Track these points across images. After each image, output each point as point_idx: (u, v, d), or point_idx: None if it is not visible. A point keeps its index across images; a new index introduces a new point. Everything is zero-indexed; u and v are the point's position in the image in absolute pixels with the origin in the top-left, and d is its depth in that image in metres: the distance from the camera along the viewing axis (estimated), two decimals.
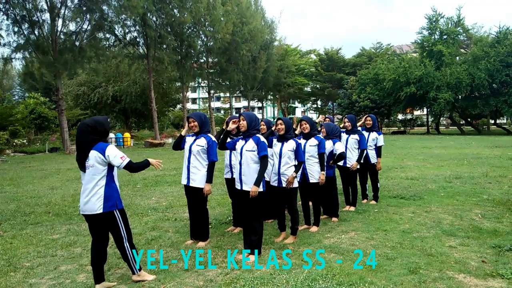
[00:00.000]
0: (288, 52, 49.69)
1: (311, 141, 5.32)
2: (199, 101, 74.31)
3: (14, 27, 21.60)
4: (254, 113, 4.38)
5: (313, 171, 5.25)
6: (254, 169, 4.28)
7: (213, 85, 39.24)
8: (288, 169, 4.78)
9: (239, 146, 4.42)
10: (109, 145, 3.55)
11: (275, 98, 55.24)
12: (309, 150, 5.28)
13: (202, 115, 4.80)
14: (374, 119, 7.08)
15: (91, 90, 37.50)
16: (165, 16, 28.13)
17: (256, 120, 4.39)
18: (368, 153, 6.85)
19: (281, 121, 4.83)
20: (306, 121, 5.41)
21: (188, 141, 4.75)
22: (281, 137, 4.86)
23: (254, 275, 3.81)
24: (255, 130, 4.36)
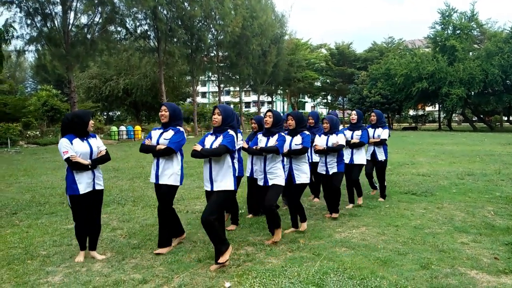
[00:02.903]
0: (298, 46, 49.44)
1: (297, 139, 4.86)
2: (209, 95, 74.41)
3: (27, 19, 21.90)
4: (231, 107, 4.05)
5: (300, 172, 4.85)
6: (226, 168, 3.88)
7: (223, 79, 39.28)
8: (274, 167, 4.49)
9: (208, 142, 3.95)
10: (63, 139, 4.04)
11: (285, 93, 55.10)
12: (296, 148, 4.85)
13: (177, 108, 4.43)
14: (379, 115, 6.88)
15: (102, 83, 37.83)
16: (176, 9, 28.21)
17: (233, 115, 3.99)
18: (375, 150, 6.73)
19: (270, 113, 4.57)
20: (292, 117, 4.90)
21: (154, 136, 4.33)
22: (267, 131, 4.58)
23: (266, 267, 3.85)
24: (228, 126, 3.93)
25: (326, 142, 5.56)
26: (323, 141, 5.60)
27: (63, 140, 4.04)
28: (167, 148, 4.16)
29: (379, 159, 6.75)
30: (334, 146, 5.45)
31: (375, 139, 6.70)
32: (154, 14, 26.64)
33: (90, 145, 4.13)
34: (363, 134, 6.27)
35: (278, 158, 4.49)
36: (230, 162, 3.89)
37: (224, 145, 3.77)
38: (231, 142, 3.81)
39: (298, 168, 4.86)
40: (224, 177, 3.86)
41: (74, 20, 22.63)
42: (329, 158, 5.57)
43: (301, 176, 4.85)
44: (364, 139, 6.24)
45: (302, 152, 4.79)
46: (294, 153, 4.80)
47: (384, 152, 6.78)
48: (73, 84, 22.78)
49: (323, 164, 5.62)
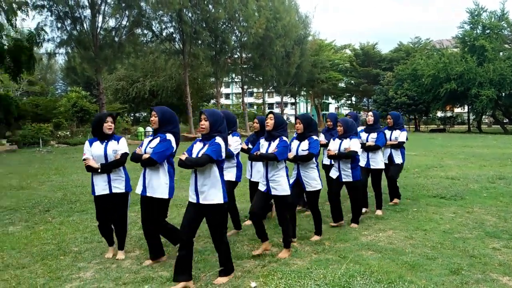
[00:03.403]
0: (322, 47, 49.07)
1: (304, 144, 4.59)
2: (232, 96, 74.84)
3: (58, 23, 22.67)
4: (219, 111, 3.71)
5: (309, 179, 4.63)
6: (212, 179, 3.49)
7: (246, 80, 39.44)
8: (276, 174, 4.16)
9: (195, 150, 3.56)
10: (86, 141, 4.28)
11: (308, 94, 54.77)
12: (302, 154, 4.58)
13: (167, 112, 3.98)
14: (396, 117, 6.60)
15: (129, 84, 38.69)
16: (200, 12, 28.58)
17: (221, 120, 3.57)
18: (392, 153, 6.46)
19: (271, 115, 4.25)
20: (300, 120, 4.63)
21: (145, 143, 4.03)
22: (269, 135, 4.27)
23: (291, 268, 3.86)
24: (216, 133, 3.53)
25: (339, 147, 5.20)
26: (336, 145, 5.25)
27: (86, 142, 4.23)
28: (148, 159, 3.79)
29: (396, 162, 6.47)
30: (346, 152, 5.09)
31: (393, 142, 6.44)
32: (180, 17, 27.07)
33: (105, 149, 4.08)
34: (379, 136, 5.95)
35: (280, 165, 4.18)
36: (216, 172, 3.49)
37: (206, 155, 3.37)
38: (216, 151, 3.40)
39: (307, 174, 4.64)
40: (211, 189, 3.46)
41: (102, 24, 23.32)
42: (343, 164, 5.21)
43: (310, 183, 4.64)
44: (380, 142, 5.93)
45: (309, 159, 4.55)
46: (301, 159, 4.57)
47: (401, 155, 6.50)
48: (101, 86, 23.43)
49: (336, 168, 5.30)
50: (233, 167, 4.94)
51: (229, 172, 4.82)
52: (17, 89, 40.66)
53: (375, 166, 6.00)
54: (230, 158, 4.83)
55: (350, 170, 5.17)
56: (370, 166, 5.99)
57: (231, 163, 4.89)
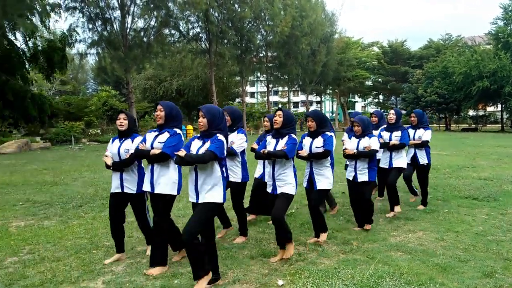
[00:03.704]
0: (349, 45, 48.47)
1: (318, 141, 4.42)
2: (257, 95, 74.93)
3: (89, 24, 23.37)
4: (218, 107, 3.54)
5: (321, 177, 4.46)
6: (214, 177, 3.37)
7: (271, 79, 39.44)
8: (284, 173, 3.99)
9: (194, 148, 3.44)
10: None
11: (334, 92, 54.22)
12: (316, 151, 4.42)
13: (174, 108, 3.86)
14: (420, 115, 6.28)
15: (157, 84, 39.44)
16: (227, 11, 28.81)
17: (220, 117, 3.43)
18: (416, 153, 6.15)
19: (280, 112, 4.05)
20: (312, 117, 4.46)
21: (149, 139, 3.86)
22: (276, 133, 4.06)
23: (319, 267, 3.84)
24: (217, 130, 3.39)
25: (357, 146, 4.98)
26: (353, 144, 5.02)
27: (110, 139, 4.26)
28: (161, 153, 3.67)
29: (421, 163, 6.13)
30: (366, 151, 4.88)
31: (416, 141, 6.14)
32: (206, 17, 27.37)
33: (119, 147, 4.03)
34: (403, 134, 5.71)
35: (288, 163, 4.01)
36: (218, 170, 3.38)
37: (211, 151, 3.24)
38: (220, 148, 3.28)
39: (320, 172, 4.46)
40: (212, 188, 3.35)
41: (131, 24, 23.88)
42: (359, 163, 4.98)
43: (322, 181, 4.45)
44: (404, 140, 5.69)
45: (324, 156, 4.38)
46: (315, 156, 4.40)
47: (426, 156, 6.15)
48: (130, 85, 24.02)
49: (352, 169, 5.05)
50: (237, 166, 4.62)
51: (234, 172, 4.58)
52: (50, 88, 42.26)
53: (398, 165, 5.76)
54: (234, 156, 4.55)
55: (366, 169, 4.96)
56: (393, 166, 5.76)
57: (235, 162, 4.60)
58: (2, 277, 3.77)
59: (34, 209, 6.74)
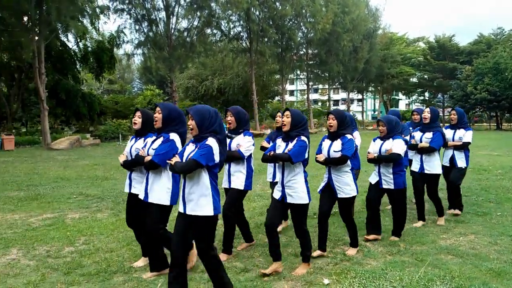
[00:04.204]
0: (393, 40, 46.97)
1: (336, 144, 4.05)
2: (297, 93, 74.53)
3: (136, 25, 24.26)
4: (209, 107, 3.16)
5: (342, 184, 4.08)
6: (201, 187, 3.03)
7: (311, 76, 39.06)
8: (293, 180, 3.64)
9: (186, 153, 3.11)
10: None
11: (377, 90, 52.75)
12: (334, 156, 4.04)
13: (174, 111, 3.60)
14: (461, 114, 5.83)
15: (199, 82, 40.25)
16: (268, 9, 28.84)
17: (211, 118, 3.08)
18: (455, 155, 5.70)
19: (288, 112, 3.69)
20: (334, 116, 4.08)
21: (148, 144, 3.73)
22: (286, 135, 3.73)
23: (365, 268, 3.80)
24: (208, 132, 3.05)
25: (380, 149, 4.56)
26: (376, 147, 4.61)
27: None
28: (149, 162, 3.49)
29: (459, 165, 5.68)
30: (386, 155, 4.45)
31: (456, 142, 5.67)
32: (247, 16, 27.57)
33: (131, 146, 3.95)
34: (435, 137, 5.14)
35: (297, 169, 3.65)
36: (206, 179, 3.03)
37: (193, 160, 2.93)
38: (206, 155, 2.95)
39: (339, 179, 4.09)
40: (199, 198, 3.02)
41: (175, 25, 24.53)
42: (383, 168, 4.54)
43: (343, 188, 4.08)
44: (435, 143, 5.11)
45: (341, 162, 3.98)
46: (332, 162, 4.04)
47: (465, 158, 5.71)
48: (174, 84, 24.75)
49: (376, 172, 4.64)
50: (241, 172, 4.16)
51: (236, 178, 4.15)
52: (98, 87, 44.34)
53: (430, 170, 5.20)
54: (240, 161, 4.14)
55: (391, 175, 4.49)
56: (425, 171, 5.22)
57: (239, 167, 4.16)
58: (61, 265, 4.03)
59: (87, 202, 7.13)
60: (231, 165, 4.17)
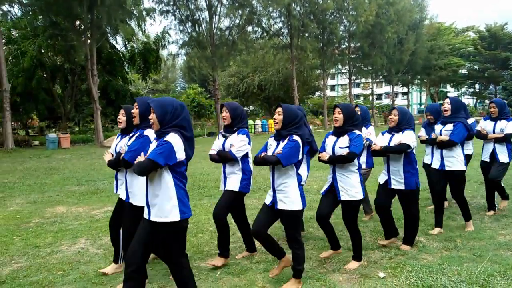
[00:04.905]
0: (440, 31, 45.00)
1: (342, 140, 3.68)
2: (338, 88, 73.34)
3: (180, 26, 25.00)
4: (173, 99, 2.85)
5: (347, 185, 3.68)
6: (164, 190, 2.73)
7: (354, 70, 38.32)
8: (284, 183, 3.29)
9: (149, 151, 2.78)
10: None
11: (423, 83, 50.82)
12: (340, 153, 3.67)
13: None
14: (501, 104, 5.41)
15: (240, 80, 40.75)
16: (309, 4, 28.65)
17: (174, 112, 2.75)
18: (496, 149, 5.30)
19: (280, 109, 3.33)
20: (341, 109, 3.72)
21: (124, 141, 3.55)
22: (277, 134, 3.39)
23: (421, 263, 3.78)
24: (171, 128, 2.73)
25: (389, 142, 4.12)
26: (385, 140, 4.17)
27: None
28: (122, 160, 3.26)
29: (501, 160, 5.26)
30: (394, 145, 4.00)
31: (498, 134, 5.25)
32: (288, 11, 27.56)
33: (117, 144, 3.68)
34: (456, 129, 4.48)
35: (290, 171, 3.29)
36: (169, 180, 2.71)
37: (148, 159, 2.62)
38: (164, 153, 2.61)
39: (344, 180, 3.69)
40: (163, 202, 2.71)
41: (218, 24, 24.99)
42: (392, 166, 4.08)
43: (347, 190, 3.67)
44: (455, 136, 4.46)
45: (348, 160, 3.60)
46: (338, 160, 3.66)
47: (508, 152, 5.29)
48: (217, 83, 25.23)
49: (385, 171, 4.21)
50: (235, 174, 3.89)
51: (232, 179, 3.89)
52: (144, 87, 46.03)
53: (451, 167, 4.57)
54: (234, 162, 3.87)
55: (402, 174, 4.03)
56: (445, 167, 4.60)
57: (234, 169, 3.90)
58: None
59: None
60: (226, 166, 3.94)
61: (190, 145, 2.80)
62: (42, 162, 13.59)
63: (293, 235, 3.32)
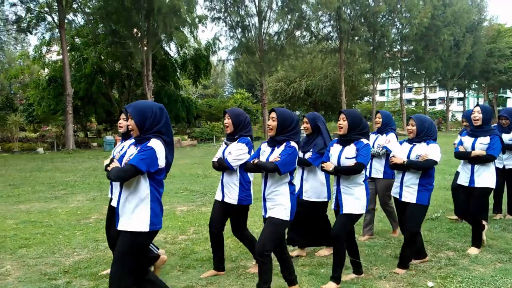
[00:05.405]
0: (500, 33, 42.32)
1: (349, 150, 3.41)
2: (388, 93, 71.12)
3: (230, 32, 25.63)
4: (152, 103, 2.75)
5: (351, 197, 3.41)
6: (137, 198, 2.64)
7: (406, 75, 37.05)
8: (276, 191, 3.09)
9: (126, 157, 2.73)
10: None
11: (481, 87, 48.02)
12: (345, 164, 3.40)
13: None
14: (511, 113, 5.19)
15: (287, 85, 40.85)
16: (360, 7, 28.22)
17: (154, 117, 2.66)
18: None
19: (273, 114, 3.14)
20: (346, 116, 3.44)
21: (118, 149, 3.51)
22: (271, 139, 3.19)
23: (472, 274, 3.66)
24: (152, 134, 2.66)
25: (409, 154, 3.74)
26: (405, 151, 3.80)
27: None
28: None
29: None
30: (419, 161, 3.65)
31: None
32: (338, 15, 27.28)
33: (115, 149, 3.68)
34: (493, 142, 4.13)
35: (283, 180, 3.09)
36: (145, 187, 2.61)
37: (129, 165, 2.52)
38: (146, 160, 2.52)
39: (348, 191, 3.42)
40: (135, 210, 2.60)
41: (267, 29, 25.36)
42: (408, 177, 3.73)
43: (352, 203, 3.40)
44: (494, 151, 4.13)
45: (356, 171, 3.33)
46: (344, 171, 3.39)
47: None
48: (264, 87, 25.54)
49: (397, 184, 3.85)
50: (234, 184, 3.69)
51: (229, 191, 3.71)
52: (194, 92, 47.46)
53: (481, 184, 4.19)
54: (232, 172, 3.67)
55: (416, 186, 3.68)
56: (475, 184, 4.21)
57: (232, 179, 3.69)
58: (177, 251, 4.57)
59: (192, 197, 7.85)
60: (224, 175, 3.75)
61: (170, 150, 2.70)
62: (100, 163, 14.51)
63: (264, 248, 3.03)
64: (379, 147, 4.61)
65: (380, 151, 4.57)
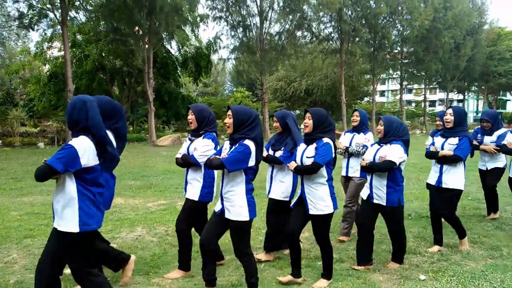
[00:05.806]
0: (501, 36, 42.51)
1: (310, 149, 3.38)
2: (388, 94, 71.26)
3: (231, 31, 25.73)
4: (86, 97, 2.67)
5: (315, 198, 3.37)
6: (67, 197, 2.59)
7: (406, 76, 37.18)
8: (232, 191, 3.04)
9: None
10: None
11: (481, 90, 48.20)
12: (306, 163, 3.38)
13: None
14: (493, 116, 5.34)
15: (287, 84, 40.95)
16: (361, 8, 28.32)
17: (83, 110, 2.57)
18: None
19: (229, 112, 3.10)
20: (311, 115, 3.41)
21: None
22: (230, 138, 3.15)
23: (463, 269, 3.80)
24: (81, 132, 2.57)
25: (374, 155, 3.78)
26: (372, 152, 3.84)
27: None
28: None
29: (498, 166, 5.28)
30: (378, 162, 3.69)
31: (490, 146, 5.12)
32: (339, 16, 27.39)
33: None
34: (461, 143, 4.14)
35: (238, 179, 3.02)
36: (71, 187, 2.52)
37: (46, 164, 2.45)
38: (63, 158, 2.43)
39: (312, 192, 3.37)
40: (64, 210, 2.54)
41: (268, 29, 25.49)
42: (376, 180, 3.76)
43: (315, 203, 3.35)
44: (461, 151, 4.12)
45: (312, 170, 3.30)
46: (303, 170, 3.37)
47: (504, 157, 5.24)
48: (264, 86, 25.66)
49: (368, 185, 3.88)
50: (196, 180, 3.63)
51: (192, 187, 3.64)
52: (194, 90, 47.56)
53: (448, 185, 4.23)
54: (197, 168, 3.61)
55: (384, 189, 3.71)
56: (442, 185, 4.26)
57: (196, 175, 3.63)
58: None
59: None
60: (188, 172, 3.69)
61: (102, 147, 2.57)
62: None
63: (240, 247, 3.10)
64: (358, 146, 4.62)
65: (360, 149, 4.57)
